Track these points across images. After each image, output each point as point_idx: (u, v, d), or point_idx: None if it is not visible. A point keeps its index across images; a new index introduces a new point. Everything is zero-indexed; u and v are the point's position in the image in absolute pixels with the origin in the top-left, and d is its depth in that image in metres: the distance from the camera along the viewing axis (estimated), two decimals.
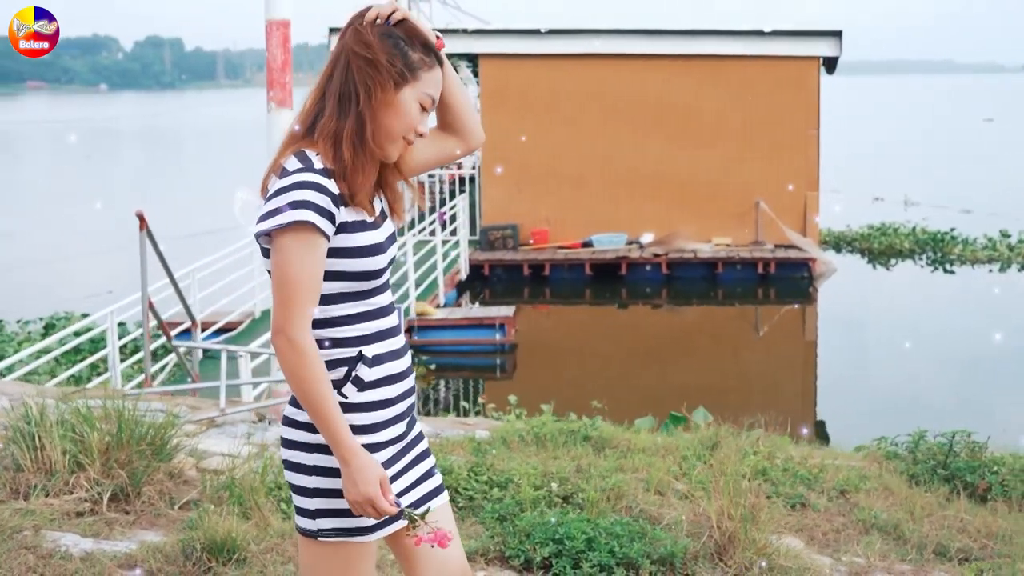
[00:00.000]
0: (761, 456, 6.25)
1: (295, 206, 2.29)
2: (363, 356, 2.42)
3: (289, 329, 2.31)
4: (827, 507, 5.84)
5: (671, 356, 16.40)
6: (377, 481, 2.34)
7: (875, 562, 5.16)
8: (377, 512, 2.36)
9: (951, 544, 5.47)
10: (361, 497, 2.34)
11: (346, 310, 2.43)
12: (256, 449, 5.88)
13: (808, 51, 19.42)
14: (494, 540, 4.72)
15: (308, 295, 2.32)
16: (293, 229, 2.29)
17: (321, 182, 2.32)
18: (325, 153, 2.37)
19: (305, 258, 2.31)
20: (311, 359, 2.31)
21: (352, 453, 2.33)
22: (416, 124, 2.44)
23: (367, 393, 2.44)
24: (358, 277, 2.41)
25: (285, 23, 6.40)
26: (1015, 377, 14.69)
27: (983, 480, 6.10)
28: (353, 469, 2.33)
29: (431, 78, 2.44)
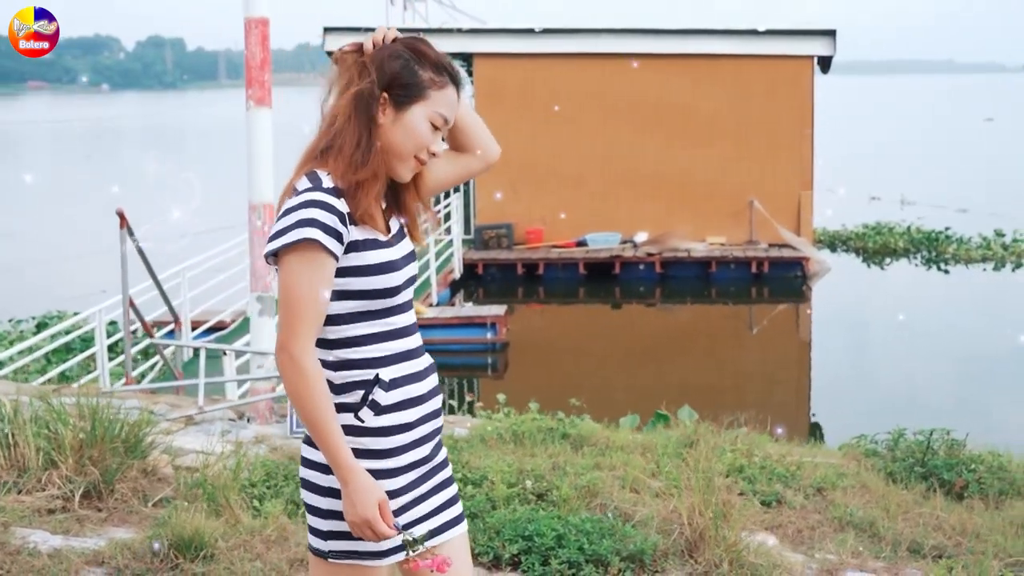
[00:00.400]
0: (738, 454, 6.26)
1: (300, 224, 2.29)
2: (380, 379, 2.40)
3: (292, 347, 2.30)
4: (803, 504, 5.85)
5: (664, 355, 16.41)
6: (376, 503, 2.32)
7: (847, 559, 5.16)
8: (375, 535, 2.33)
9: (925, 541, 5.47)
10: (359, 519, 2.32)
11: (361, 330, 2.40)
12: (232, 447, 5.89)
13: (802, 50, 19.41)
14: None
15: (311, 314, 2.31)
16: (298, 248, 2.29)
17: (328, 201, 2.32)
18: (335, 172, 2.36)
19: (309, 277, 2.29)
20: (312, 378, 2.30)
21: (351, 474, 2.31)
22: (427, 143, 2.42)
23: (384, 417, 2.41)
24: (372, 296, 2.39)
25: (264, 21, 6.41)
26: (1009, 376, 14.68)
27: (960, 478, 6.11)
28: (351, 490, 2.31)
29: (442, 97, 2.42)
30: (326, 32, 19.65)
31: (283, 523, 4.74)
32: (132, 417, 5.54)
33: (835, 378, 15.37)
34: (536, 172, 19.57)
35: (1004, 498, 6.05)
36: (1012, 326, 17.02)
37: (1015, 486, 6.17)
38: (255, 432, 6.18)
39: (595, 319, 18.48)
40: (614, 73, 19.72)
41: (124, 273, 7.03)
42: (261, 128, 6.40)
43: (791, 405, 14.69)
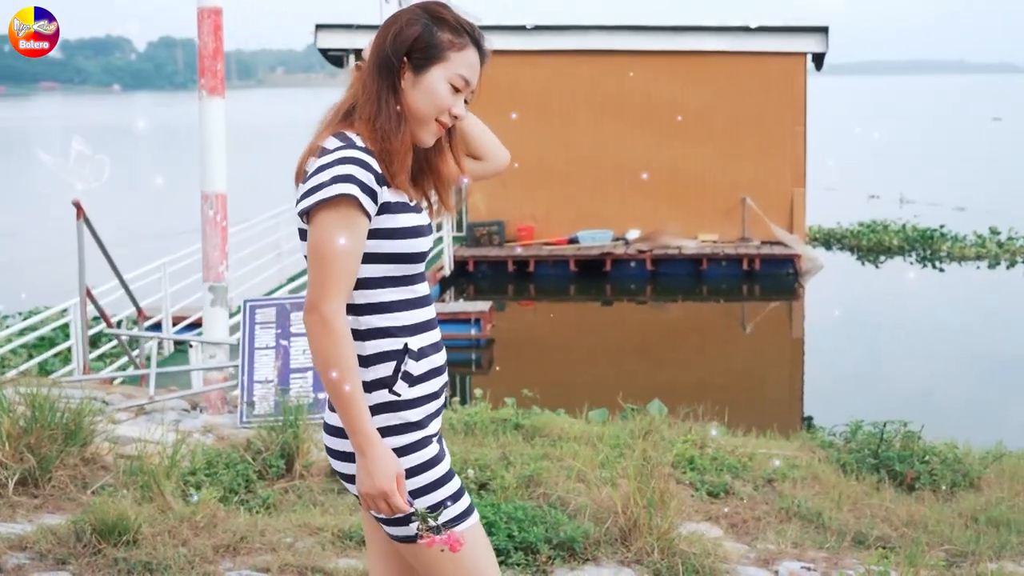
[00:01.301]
0: (690, 445, 6.23)
1: (338, 180, 2.25)
2: (409, 349, 2.37)
3: (323, 306, 2.25)
4: (751, 495, 5.83)
5: (653, 352, 16.37)
6: (394, 475, 2.26)
7: (787, 549, 5.13)
8: (390, 508, 2.27)
9: (871, 532, 5.45)
10: (375, 490, 2.25)
11: (390, 295, 2.37)
12: (179, 436, 5.88)
13: (795, 47, 19.35)
14: None
15: (345, 273, 2.26)
16: (334, 204, 2.24)
17: (364, 158, 2.29)
18: (363, 135, 2.35)
19: (344, 234, 2.25)
20: (342, 339, 2.24)
21: (371, 443, 2.25)
22: (448, 105, 2.39)
23: (417, 388, 2.39)
24: (402, 259, 2.36)
25: (217, 10, 6.40)
26: (1002, 373, 14.62)
27: (912, 469, 6.08)
28: (369, 460, 2.25)
29: (462, 59, 2.39)
30: (318, 29, 19.67)
31: (214, 510, 4.73)
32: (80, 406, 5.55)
33: (828, 376, 15.32)
34: (528, 169, 19.53)
35: (956, 490, 6.02)
36: (1005, 324, 16.96)
37: (968, 478, 6.14)
38: (204, 422, 6.18)
39: (584, 316, 18.46)
40: (606, 70, 19.70)
41: (81, 264, 7.05)
42: (214, 118, 6.40)
43: (784, 402, 14.64)
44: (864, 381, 14.74)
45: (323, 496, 5.25)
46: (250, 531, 4.61)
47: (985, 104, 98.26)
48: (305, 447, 5.46)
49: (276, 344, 6.30)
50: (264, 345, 6.29)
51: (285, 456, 5.41)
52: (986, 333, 16.54)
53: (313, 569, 4.34)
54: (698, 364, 15.74)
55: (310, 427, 5.79)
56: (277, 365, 6.26)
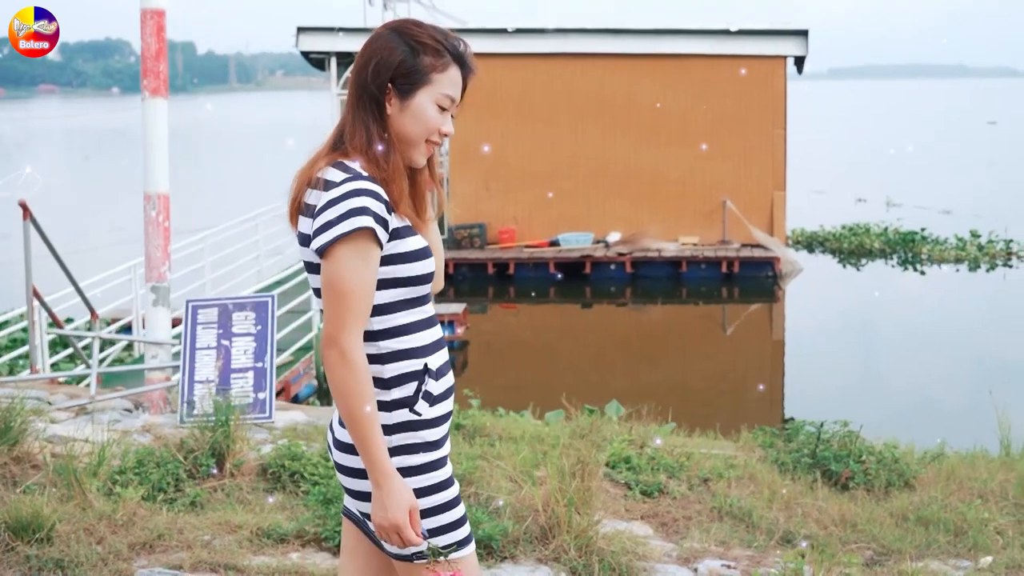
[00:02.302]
0: (628, 444, 6.25)
1: (353, 214, 2.27)
2: (429, 369, 2.40)
3: (343, 341, 2.27)
4: (685, 495, 5.85)
5: (632, 354, 16.39)
6: (408, 508, 2.29)
7: (711, 547, 5.16)
8: (403, 541, 2.30)
9: (799, 531, 5.48)
10: (388, 523, 2.29)
11: (406, 318, 2.40)
12: (110, 435, 5.90)
13: (774, 50, 19.39)
14: (312, 522, 4.74)
15: (362, 306, 2.29)
16: (351, 238, 2.27)
17: (374, 188, 2.31)
18: (363, 162, 2.36)
19: (360, 268, 2.28)
20: (363, 373, 2.28)
21: (387, 476, 2.28)
22: (437, 126, 2.42)
23: (436, 408, 2.41)
24: (413, 282, 2.39)
25: (159, 12, 6.43)
26: (982, 374, 14.64)
27: (847, 469, 6.10)
28: (385, 493, 2.28)
29: (446, 79, 2.42)
30: (300, 32, 19.69)
31: (134, 508, 4.76)
32: (27, 406, 5.59)
33: (808, 378, 15.34)
34: (509, 172, 19.59)
35: (891, 489, 6.04)
36: (983, 326, 16.99)
37: (904, 478, 6.16)
38: (144, 421, 6.20)
39: (563, 319, 18.49)
40: (587, 73, 19.73)
41: (27, 265, 7.08)
42: (156, 119, 6.43)
43: (763, 405, 14.65)
44: (844, 383, 14.76)
45: (251, 495, 5.27)
46: (168, 529, 4.64)
47: (983, 108, 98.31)
48: (237, 446, 5.48)
49: (218, 344, 6.33)
50: (205, 345, 6.32)
51: (216, 455, 5.43)
52: (965, 335, 16.57)
53: (226, 566, 4.37)
54: (677, 366, 15.77)
55: (244, 427, 5.82)
56: (218, 365, 6.29)
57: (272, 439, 6.02)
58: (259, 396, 6.27)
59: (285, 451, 5.53)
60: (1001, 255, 21.18)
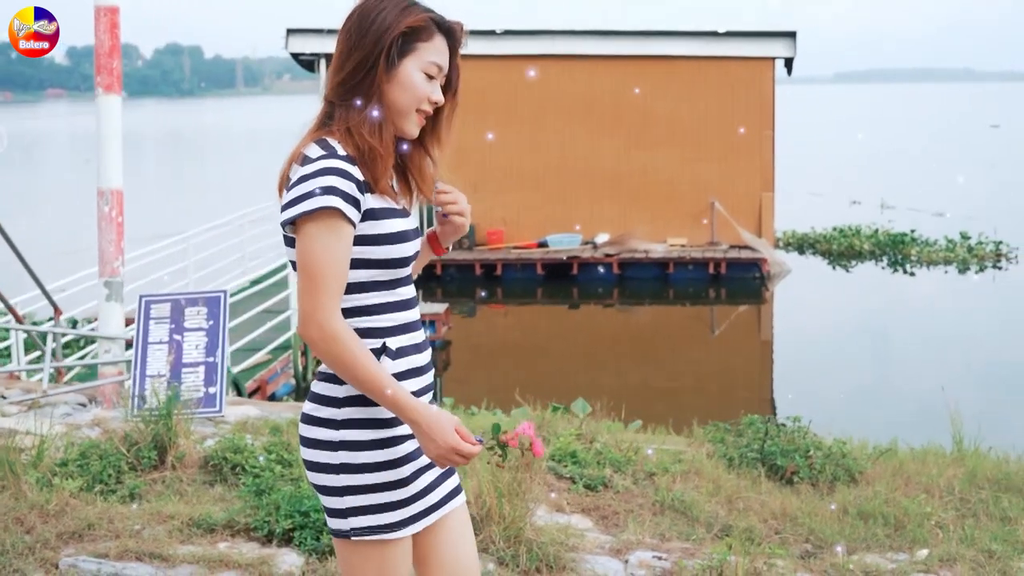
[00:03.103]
0: (572, 438, 6.26)
1: (321, 192, 2.28)
2: (387, 348, 2.41)
3: (319, 316, 2.30)
4: (629, 489, 5.87)
5: (619, 355, 16.40)
6: (453, 428, 2.33)
7: (646, 539, 5.18)
8: (464, 458, 2.34)
9: (738, 524, 5.50)
10: (443, 449, 2.32)
11: (373, 299, 2.41)
12: (65, 428, 5.95)
13: (763, 52, 19.42)
14: (244, 513, 4.77)
15: (335, 282, 2.31)
16: (319, 216, 2.28)
17: (346, 168, 2.32)
18: (345, 141, 2.37)
19: (331, 245, 2.29)
20: (348, 339, 2.30)
21: (418, 413, 2.31)
22: (426, 94, 2.42)
23: None
24: (386, 265, 2.40)
25: (113, 9, 6.48)
26: (969, 373, 14.65)
27: (792, 463, 6.12)
28: (425, 427, 2.31)
29: (430, 47, 2.43)
30: (289, 33, 19.76)
31: (68, 498, 4.80)
32: None
33: (797, 378, 15.34)
34: (498, 174, 19.64)
35: (836, 484, 6.06)
36: (972, 327, 16.99)
37: (850, 472, 6.18)
38: (94, 415, 6.24)
39: (550, 319, 18.52)
40: (575, 75, 19.77)
41: None
42: (110, 115, 6.47)
43: (753, 405, 14.64)
44: (832, 384, 14.76)
45: (190, 487, 5.31)
46: (100, 519, 4.68)
47: (988, 112, 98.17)
48: (179, 439, 5.52)
49: (169, 339, 6.37)
50: (158, 340, 6.36)
51: (158, 448, 5.47)
52: (953, 336, 16.57)
53: (152, 555, 4.40)
54: (664, 367, 15.77)
55: (191, 420, 5.86)
56: (170, 360, 6.33)
57: (220, 433, 6.06)
58: (210, 390, 6.31)
59: (228, 444, 5.57)
60: (990, 257, 21.19)
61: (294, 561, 4.50)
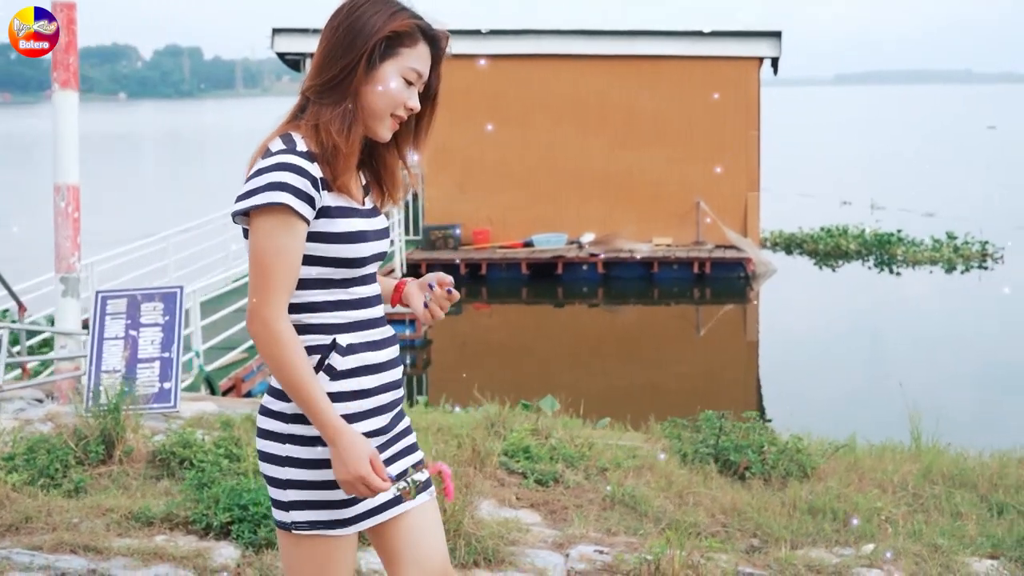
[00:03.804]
0: (529, 434, 6.27)
1: (272, 188, 2.26)
2: (336, 344, 2.38)
3: (265, 312, 2.28)
4: (580, 484, 5.87)
5: (602, 355, 16.40)
6: (367, 458, 2.29)
7: (590, 533, 5.19)
8: (370, 490, 2.30)
9: (686, 519, 5.50)
10: (351, 476, 2.28)
11: (322, 296, 2.38)
12: (17, 423, 5.95)
13: (748, 52, 19.42)
14: (184, 506, 4.77)
15: (284, 278, 2.29)
16: (270, 211, 2.27)
17: (301, 164, 2.29)
18: (309, 136, 2.35)
19: (282, 240, 2.27)
20: (288, 342, 2.28)
21: (338, 432, 2.28)
22: (403, 99, 2.40)
23: (340, 383, 2.39)
24: (337, 264, 2.37)
25: (70, 5, 6.49)
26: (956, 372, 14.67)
27: (745, 459, 6.12)
28: (341, 448, 2.28)
29: (413, 53, 2.40)
30: (275, 33, 19.77)
31: (7, 491, 4.80)
32: None
33: (781, 378, 15.34)
34: (484, 174, 19.64)
35: (789, 479, 6.06)
36: (955, 325, 17.00)
37: (803, 468, 6.18)
38: (48, 410, 6.24)
39: (534, 318, 18.53)
40: (561, 75, 19.78)
41: None
42: (66, 110, 6.48)
43: (739, 405, 14.63)
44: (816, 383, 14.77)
45: (136, 481, 5.31)
46: (38, 512, 4.69)
47: (985, 113, 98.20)
48: (128, 434, 5.53)
49: (125, 334, 6.37)
50: (113, 335, 6.37)
51: (107, 442, 5.47)
52: (936, 335, 16.58)
53: (86, 547, 4.41)
54: (648, 366, 15.76)
55: (141, 415, 5.86)
56: (125, 355, 6.33)
57: (173, 428, 6.06)
58: (164, 386, 6.31)
59: (178, 439, 5.57)
60: (976, 257, 21.20)
61: (230, 554, 4.50)
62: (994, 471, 6.43)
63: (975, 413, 12.51)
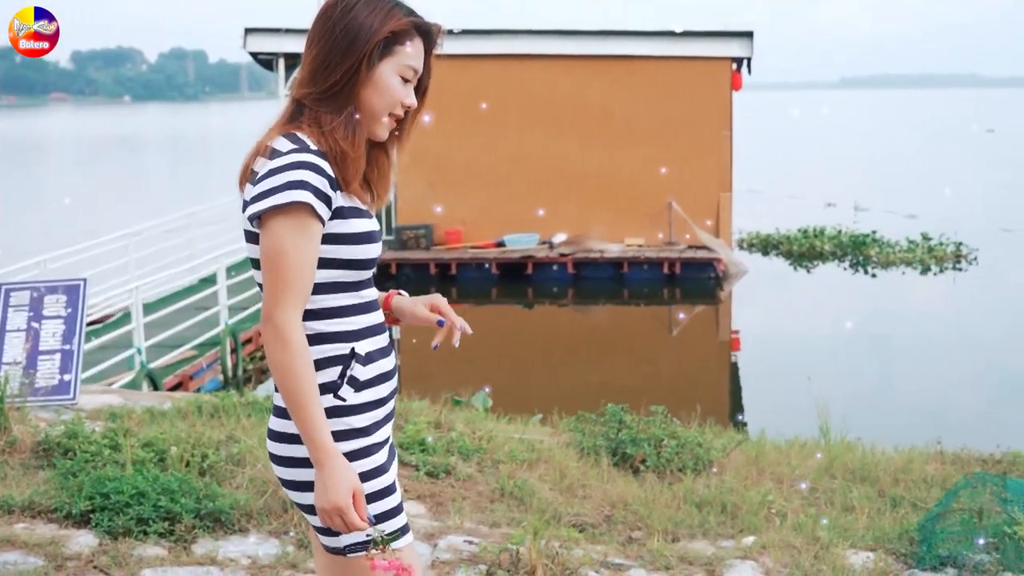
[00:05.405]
0: (427, 427, 6.26)
1: (292, 186, 2.19)
2: (356, 353, 2.32)
3: (278, 317, 2.20)
4: (472, 476, 5.87)
5: (572, 354, 16.38)
6: (350, 491, 2.21)
7: (464, 524, 5.18)
8: (345, 525, 2.22)
9: (570, 510, 5.50)
10: (330, 505, 2.20)
11: (338, 301, 2.32)
12: None
13: (720, 52, 19.40)
14: (48, 495, 4.77)
15: (301, 282, 2.22)
16: (288, 211, 2.19)
17: (318, 163, 2.23)
18: (316, 137, 2.29)
19: (299, 242, 2.20)
20: (298, 351, 2.20)
21: (329, 456, 2.20)
22: (400, 98, 2.38)
23: (363, 393, 2.34)
24: (352, 266, 2.31)
25: None
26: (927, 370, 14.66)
27: (640, 452, 6.11)
28: (327, 474, 2.19)
29: (409, 51, 2.38)
30: (247, 33, 19.78)
31: None
32: None
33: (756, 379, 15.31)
34: (457, 173, 19.64)
35: (684, 473, 6.05)
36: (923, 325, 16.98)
37: (702, 462, 6.17)
38: None
39: (506, 319, 18.50)
40: (533, 74, 19.78)
41: None
42: None
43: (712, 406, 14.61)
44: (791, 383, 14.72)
45: (14, 471, 5.31)
46: None
47: (987, 117, 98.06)
48: (13, 425, 5.53)
49: (27, 327, 6.38)
50: (16, 327, 6.37)
51: None
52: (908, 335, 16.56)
53: None
54: (619, 366, 15.72)
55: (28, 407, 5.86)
56: (27, 347, 6.33)
57: (66, 419, 6.06)
58: (64, 378, 6.32)
59: (68, 430, 5.57)
60: (950, 258, 21.16)
61: (88, 542, 4.50)
62: (899, 466, 6.43)
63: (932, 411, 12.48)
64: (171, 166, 60.94)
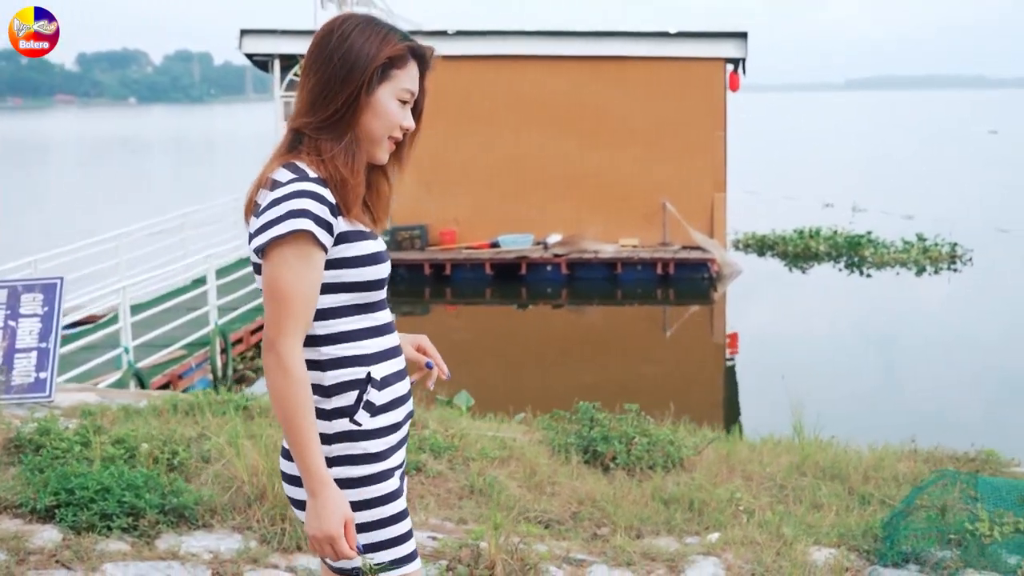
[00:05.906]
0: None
1: (292, 215, 2.21)
2: (372, 378, 2.34)
3: (280, 346, 2.22)
4: (443, 473, 5.90)
5: (566, 355, 16.40)
6: (343, 520, 2.23)
7: (430, 520, 5.21)
8: (335, 553, 2.24)
9: (535, 508, 5.53)
10: (322, 533, 2.22)
11: (352, 324, 2.34)
12: None
13: (713, 52, 19.43)
14: (15, 490, 4.81)
15: (303, 311, 2.23)
16: (290, 240, 2.21)
17: (318, 191, 2.25)
18: (315, 165, 2.30)
19: (301, 271, 2.22)
20: (298, 380, 2.22)
21: (323, 485, 2.22)
22: (399, 121, 2.41)
23: (379, 418, 2.35)
24: (362, 288, 2.33)
25: None
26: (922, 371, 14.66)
27: (611, 449, 6.14)
28: (320, 503, 2.22)
29: (405, 74, 2.40)
30: (243, 34, 19.84)
31: None
32: None
33: (746, 379, 15.34)
34: (451, 174, 19.68)
35: (654, 471, 6.07)
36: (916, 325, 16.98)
37: (672, 460, 6.19)
38: None
39: (500, 320, 18.54)
40: (528, 76, 19.82)
41: None
42: None
43: (705, 407, 14.64)
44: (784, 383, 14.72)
45: None
46: None
47: (991, 118, 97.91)
48: None
49: (4, 325, 6.42)
50: None
51: None
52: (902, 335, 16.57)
53: None
54: (614, 367, 15.74)
55: (6, 404, 5.91)
56: (3, 345, 6.38)
57: (39, 416, 6.10)
58: (40, 376, 6.36)
59: (41, 427, 5.61)
60: (945, 258, 21.16)
61: (51, 537, 4.53)
62: (870, 464, 6.45)
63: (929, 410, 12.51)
64: (174, 167, 61.10)
